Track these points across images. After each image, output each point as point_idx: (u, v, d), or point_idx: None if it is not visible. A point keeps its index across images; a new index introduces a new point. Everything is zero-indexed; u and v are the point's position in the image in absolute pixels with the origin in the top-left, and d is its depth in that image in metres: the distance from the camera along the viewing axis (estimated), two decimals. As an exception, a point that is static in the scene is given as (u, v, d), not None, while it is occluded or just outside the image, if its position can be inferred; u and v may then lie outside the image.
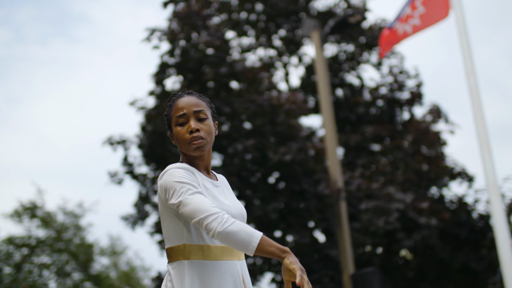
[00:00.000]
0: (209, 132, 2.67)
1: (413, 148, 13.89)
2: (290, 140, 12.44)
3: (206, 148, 2.66)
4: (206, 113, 2.70)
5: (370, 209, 12.06)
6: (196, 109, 2.68)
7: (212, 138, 2.69)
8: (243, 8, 16.58)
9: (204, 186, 2.60)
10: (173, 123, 2.70)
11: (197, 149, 2.63)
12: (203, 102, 2.74)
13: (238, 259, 2.62)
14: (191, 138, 2.63)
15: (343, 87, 16.44)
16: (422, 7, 9.49)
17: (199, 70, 12.99)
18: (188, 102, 2.70)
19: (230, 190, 2.83)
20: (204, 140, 2.64)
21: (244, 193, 12.49)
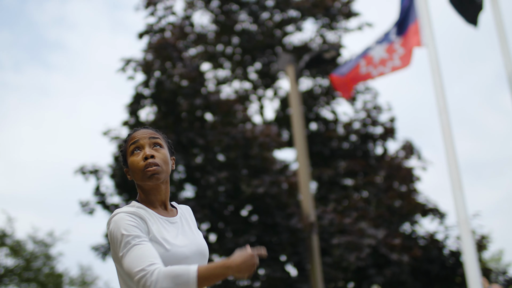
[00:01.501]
0: (165, 161, 2.55)
1: (385, 183, 13.96)
2: (263, 173, 12.43)
3: (162, 176, 2.52)
4: (161, 142, 2.60)
5: (342, 244, 12.05)
6: (152, 136, 2.59)
7: (168, 168, 2.57)
8: (220, 41, 16.67)
9: (157, 229, 2.46)
10: (128, 155, 2.60)
11: (152, 177, 2.50)
12: (160, 134, 2.65)
13: None
14: (145, 164, 2.50)
15: (317, 121, 16.53)
16: (402, 49, 9.59)
17: (173, 102, 12.99)
18: (143, 132, 2.61)
19: (192, 223, 2.67)
20: (160, 168, 2.51)
21: (216, 226, 12.43)
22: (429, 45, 8.98)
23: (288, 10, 16.89)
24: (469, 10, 8.88)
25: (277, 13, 16.96)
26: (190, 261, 2.45)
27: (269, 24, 16.72)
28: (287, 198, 12.45)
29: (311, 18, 17.08)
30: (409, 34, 9.50)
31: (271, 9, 16.88)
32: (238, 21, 16.72)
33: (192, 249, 2.51)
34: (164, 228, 2.50)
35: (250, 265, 2.28)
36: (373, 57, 9.74)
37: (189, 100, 12.74)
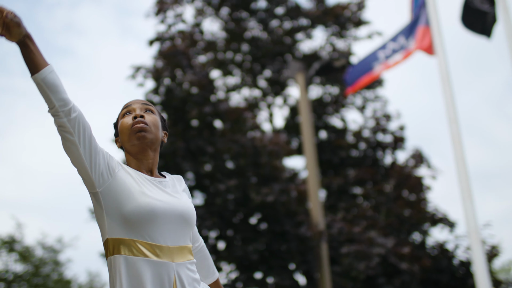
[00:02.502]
0: (155, 124, 2.54)
1: (395, 192, 13.91)
2: (272, 181, 12.41)
3: (149, 136, 2.50)
4: (154, 110, 2.60)
5: (351, 253, 12.01)
6: (145, 102, 2.61)
7: (157, 133, 2.55)
8: (229, 48, 16.68)
9: (133, 178, 2.44)
10: (119, 120, 2.60)
11: (139, 134, 2.48)
12: (152, 105, 2.63)
13: (173, 260, 2.38)
14: (134, 122, 2.50)
15: (327, 129, 16.51)
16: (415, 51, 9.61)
17: (183, 109, 12.99)
18: (137, 99, 2.63)
19: (179, 188, 2.62)
20: (148, 127, 2.50)
21: (225, 233, 12.41)
22: (439, 54, 8.97)
23: (298, 18, 16.91)
24: (481, 21, 8.86)
25: (287, 20, 16.98)
26: (169, 216, 2.40)
27: (279, 32, 16.73)
28: (296, 206, 12.43)
29: (321, 26, 17.08)
30: (419, 35, 9.51)
31: (281, 16, 16.91)
32: (248, 28, 16.74)
33: (173, 206, 2.44)
34: (148, 184, 2.46)
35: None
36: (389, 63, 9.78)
37: (199, 108, 12.74)
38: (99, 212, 2.44)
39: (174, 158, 12.61)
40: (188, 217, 2.48)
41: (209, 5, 16.88)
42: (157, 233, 2.37)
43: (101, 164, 2.40)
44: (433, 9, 9.24)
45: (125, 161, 2.62)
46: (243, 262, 12.07)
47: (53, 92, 2.32)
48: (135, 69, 13.41)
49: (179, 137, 12.74)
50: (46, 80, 2.31)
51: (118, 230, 2.38)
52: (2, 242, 21.12)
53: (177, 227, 2.43)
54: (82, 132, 2.35)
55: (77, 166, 2.42)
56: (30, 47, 2.31)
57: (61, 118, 2.31)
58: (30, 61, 2.31)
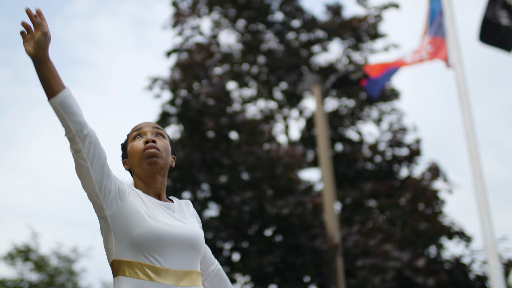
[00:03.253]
0: (166, 149, 2.52)
1: (410, 206, 13.85)
2: (288, 193, 12.40)
3: (160, 162, 2.49)
4: (164, 134, 2.59)
5: (366, 266, 11.96)
6: (156, 126, 2.59)
7: (167, 158, 2.53)
8: (245, 60, 16.73)
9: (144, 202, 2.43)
10: (129, 143, 2.58)
11: (151, 159, 2.47)
12: (162, 129, 2.62)
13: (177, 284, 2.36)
14: (145, 147, 2.48)
15: (342, 142, 16.49)
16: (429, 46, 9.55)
17: (199, 120, 13.03)
18: (147, 122, 2.62)
19: (187, 213, 2.60)
20: (160, 153, 2.48)
21: (240, 245, 12.40)
22: (457, 67, 8.94)
23: (315, 31, 16.94)
24: (501, 36, 8.82)
25: (303, 33, 17.02)
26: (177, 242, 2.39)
27: (295, 44, 16.77)
28: (312, 219, 12.41)
29: (338, 39, 17.10)
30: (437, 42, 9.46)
31: (298, 29, 16.95)
32: (264, 40, 16.79)
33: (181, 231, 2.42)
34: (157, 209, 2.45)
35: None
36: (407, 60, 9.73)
37: (215, 119, 12.78)
38: (107, 234, 2.43)
39: (190, 169, 12.64)
40: (196, 243, 2.47)
41: (225, 17, 16.96)
42: (164, 257, 2.36)
43: (112, 190, 2.40)
44: (450, 21, 9.22)
45: (132, 183, 2.62)
46: (258, 274, 12.05)
47: (70, 116, 2.31)
48: (152, 80, 13.48)
49: (195, 148, 12.78)
50: (64, 104, 2.31)
51: (125, 252, 2.38)
52: (18, 251, 21.23)
53: (184, 252, 2.42)
54: (97, 159, 2.34)
55: (88, 191, 2.42)
56: (47, 66, 2.31)
57: (77, 144, 2.31)
58: (47, 83, 2.31)
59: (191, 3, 16.59)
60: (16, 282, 21.20)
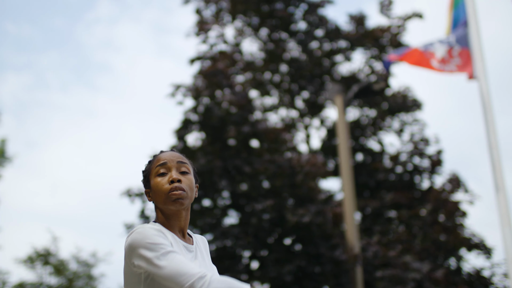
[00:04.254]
0: (191, 187, 2.50)
1: (431, 217, 13.78)
2: (308, 202, 12.40)
3: (185, 202, 2.46)
4: (189, 168, 2.55)
5: (386, 277, 11.92)
6: (180, 160, 2.53)
7: (192, 195, 2.51)
8: (268, 68, 16.77)
9: (177, 250, 2.39)
10: (152, 175, 2.52)
11: (176, 201, 2.43)
12: (187, 159, 2.59)
13: None
14: (171, 188, 2.44)
15: (364, 152, 16.46)
16: (459, 58, 9.45)
17: (221, 128, 13.08)
18: (171, 154, 2.56)
19: (206, 254, 2.61)
20: (185, 193, 2.45)
21: (259, 253, 12.41)
22: (481, 79, 8.91)
23: (338, 40, 16.95)
24: None
25: (326, 42, 17.03)
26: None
27: (318, 54, 16.79)
28: (332, 229, 12.39)
29: (360, 49, 17.10)
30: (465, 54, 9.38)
31: (321, 38, 16.97)
32: (287, 49, 16.83)
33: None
34: (183, 252, 2.43)
35: None
36: (435, 53, 9.56)
37: (237, 127, 12.82)
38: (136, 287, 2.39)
39: (211, 176, 12.68)
40: None
41: (249, 26, 17.02)
42: None
43: None
44: (475, 32, 9.19)
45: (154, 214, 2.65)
46: (277, 283, 12.05)
47: None
48: (175, 87, 13.55)
49: (216, 156, 12.82)
50: None
51: None
52: (38, 255, 21.38)
53: None
54: None
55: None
56: None
57: None
58: None
59: (214, 11, 16.68)
60: (36, 285, 21.34)
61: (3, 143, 17.72)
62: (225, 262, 12.69)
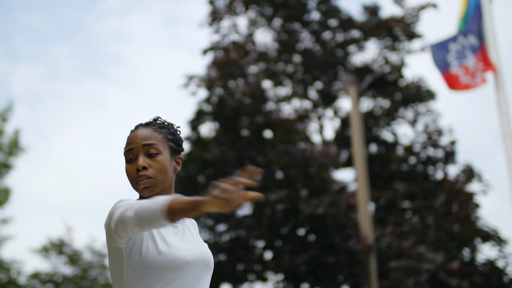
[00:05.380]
0: (160, 169, 2.36)
1: (445, 207, 13.75)
2: (322, 193, 12.40)
3: (155, 188, 2.36)
4: (158, 147, 2.40)
5: (400, 268, 11.91)
6: (146, 142, 2.39)
7: (165, 176, 2.38)
8: (281, 59, 16.74)
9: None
10: (124, 160, 2.44)
11: (144, 190, 2.36)
12: (159, 134, 2.45)
13: None
14: (137, 177, 2.36)
15: (377, 143, 16.42)
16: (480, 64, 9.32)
17: (234, 118, 13.09)
18: (139, 135, 2.42)
19: (194, 231, 2.49)
20: (153, 180, 2.35)
21: (273, 244, 12.44)
22: (496, 70, 8.87)
23: (351, 30, 16.89)
24: None
25: (339, 33, 16.97)
26: (192, 268, 2.28)
27: (331, 44, 16.74)
28: (345, 219, 12.39)
29: (374, 39, 17.03)
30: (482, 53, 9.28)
31: (334, 29, 16.91)
32: (300, 40, 16.78)
33: (194, 254, 2.32)
34: (163, 229, 2.33)
35: (227, 199, 1.92)
36: (469, 66, 9.40)
37: (250, 118, 12.83)
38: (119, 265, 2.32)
39: (224, 167, 12.71)
40: (210, 264, 2.38)
41: (261, 16, 16.98)
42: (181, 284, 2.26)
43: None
44: (489, 24, 9.14)
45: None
46: (291, 273, 12.08)
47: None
48: (188, 78, 13.57)
49: (229, 146, 12.84)
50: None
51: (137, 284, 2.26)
52: (52, 245, 21.51)
53: (201, 274, 2.33)
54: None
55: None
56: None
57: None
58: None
59: (227, 1, 16.65)
60: (50, 275, 21.48)
61: (16, 133, 17.79)
62: (239, 252, 12.73)
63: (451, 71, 9.45)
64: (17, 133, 17.74)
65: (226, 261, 12.92)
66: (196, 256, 2.31)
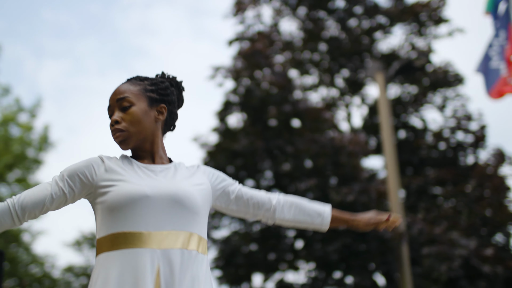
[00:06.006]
0: (132, 121, 2.34)
1: (476, 193, 13.63)
2: (352, 181, 12.37)
3: (131, 140, 2.36)
4: (130, 99, 2.37)
5: (432, 254, 11.85)
6: (119, 97, 2.38)
7: (139, 127, 2.35)
8: (307, 48, 16.68)
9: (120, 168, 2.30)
10: None
11: (120, 144, 2.37)
12: (136, 86, 2.43)
13: (158, 247, 2.16)
14: (112, 131, 2.38)
15: (406, 129, 16.30)
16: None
17: (262, 109, 13.10)
18: (115, 91, 2.42)
19: (184, 173, 2.39)
20: (125, 133, 2.34)
21: (304, 233, 12.44)
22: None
23: (377, 17, 16.76)
24: None
25: (365, 19, 16.86)
26: (153, 202, 2.21)
27: (357, 31, 16.63)
28: (376, 207, 12.35)
29: (400, 25, 16.88)
30: None
31: (359, 16, 16.80)
32: (326, 28, 16.70)
33: (158, 188, 2.25)
34: (134, 172, 2.32)
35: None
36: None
37: (278, 107, 12.82)
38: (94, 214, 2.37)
39: (253, 157, 12.73)
40: (181, 200, 2.26)
41: (286, 5, 16.92)
42: (138, 221, 2.20)
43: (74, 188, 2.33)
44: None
45: None
46: (323, 262, 12.08)
47: None
48: (215, 69, 13.59)
49: (258, 136, 12.85)
50: None
51: (102, 229, 2.26)
52: (85, 238, 21.73)
53: (166, 211, 2.22)
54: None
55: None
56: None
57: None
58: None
59: (252, -9, 16.62)
60: (84, 268, 21.71)
61: (46, 129, 17.97)
62: (270, 242, 12.76)
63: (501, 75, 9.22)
64: (46, 128, 17.92)
65: (257, 251, 12.96)
66: (160, 190, 2.25)
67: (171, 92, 2.52)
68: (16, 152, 16.91)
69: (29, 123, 17.68)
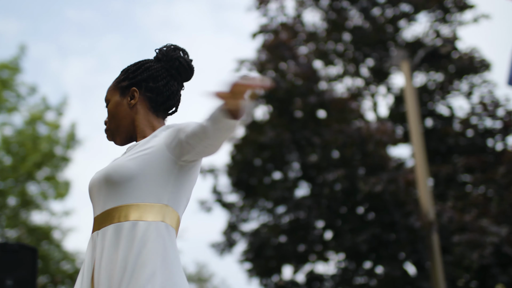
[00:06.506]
0: (110, 118, 2.40)
1: (506, 179, 13.50)
2: (380, 170, 12.32)
3: (116, 135, 2.40)
4: (107, 98, 2.43)
5: (463, 242, 11.77)
6: (104, 99, 2.47)
7: (116, 120, 2.38)
8: (331, 38, 16.62)
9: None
10: None
11: (113, 142, 2.44)
12: (112, 83, 2.46)
13: (98, 228, 2.17)
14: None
15: (432, 117, 16.18)
16: None
17: (287, 100, 13.08)
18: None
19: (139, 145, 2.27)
20: (109, 131, 2.42)
21: (332, 224, 12.43)
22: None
23: (400, 5, 16.64)
24: None
25: (388, 8, 16.74)
26: (92, 187, 2.25)
27: (380, 20, 16.53)
28: (405, 196, 12.29)
29: (424, 12, 16.74)
30: None
31: (383, 4, 16.69)
32: (349, 17, 16.62)
33: (95, 175, 2.27)
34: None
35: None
36: None
37: (303, 99, 12.80)
38: None
39: (280, 149, 12.73)
40: (107, 177, 2.19)
41: (309, -4, 16.88)
42: (93, 209, 2.26)
43: None
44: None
45: None
46: (352, 252, 12.06)
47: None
48: (239, 62, 13.60)
49: (284, 128, 12.85)
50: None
51: None
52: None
53: (102, 193, 2.20)
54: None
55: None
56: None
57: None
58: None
59: (274, -16, 16.59)
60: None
61: (73, 127, 18.10)
62: (299, 233, 12.77)
63: None
64: (73, 126, 18.04)
65: (286, 243, 12.98)
66: (96, 175, 2.25)
67: (146, 69, 2.44)
68: (44, 150, 17.05)
69: (56, 121, 17.81)
